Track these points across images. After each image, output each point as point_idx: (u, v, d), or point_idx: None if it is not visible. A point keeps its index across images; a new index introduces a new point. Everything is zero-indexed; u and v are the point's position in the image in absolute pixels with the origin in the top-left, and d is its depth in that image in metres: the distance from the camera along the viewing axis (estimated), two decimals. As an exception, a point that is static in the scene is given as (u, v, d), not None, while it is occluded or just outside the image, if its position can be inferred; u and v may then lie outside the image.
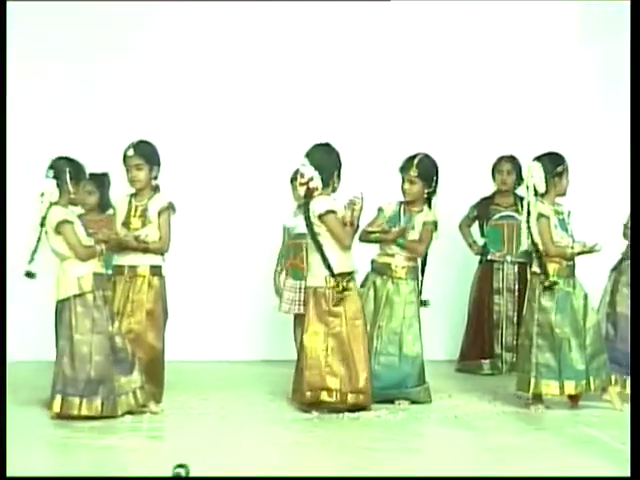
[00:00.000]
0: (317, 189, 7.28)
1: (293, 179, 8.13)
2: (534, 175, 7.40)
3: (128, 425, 6.91)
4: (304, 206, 7.44)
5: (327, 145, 7.45)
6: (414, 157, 7.74)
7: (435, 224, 7.79)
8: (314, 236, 7.36)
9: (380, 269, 7.79)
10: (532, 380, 7.42)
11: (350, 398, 7.29)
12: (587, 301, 7.56)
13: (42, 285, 7.28)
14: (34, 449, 6.48)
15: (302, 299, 8.02)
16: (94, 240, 7.29)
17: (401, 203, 7.82)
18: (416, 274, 7.80)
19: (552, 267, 7.40)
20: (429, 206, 7.74)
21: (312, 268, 7.45)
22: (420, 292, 7.81)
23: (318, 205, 7.24)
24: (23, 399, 7.47)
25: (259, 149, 9.49)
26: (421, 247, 7.72)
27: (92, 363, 7.06)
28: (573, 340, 7.42)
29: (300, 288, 8.30)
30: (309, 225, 7.38)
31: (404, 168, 7.72)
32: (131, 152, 7.47)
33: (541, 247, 7.44)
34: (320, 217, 7.24)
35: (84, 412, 6.98)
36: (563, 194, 7.54)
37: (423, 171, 7.64)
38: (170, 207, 7.56)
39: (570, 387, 7.42)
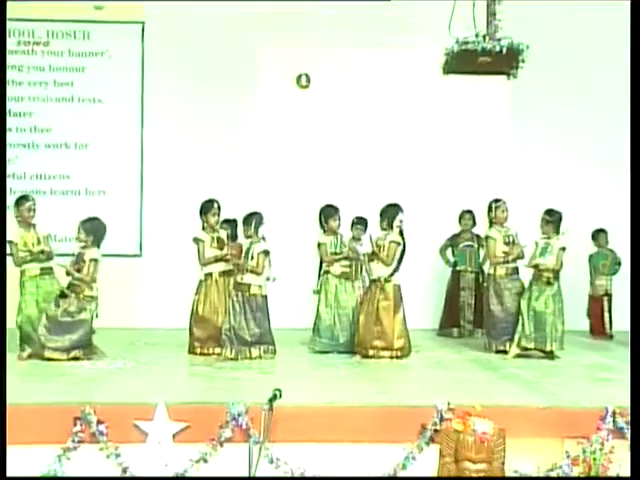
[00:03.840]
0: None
1: (355, 222, 7.92)
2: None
3: (246, 365, 6.85)
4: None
5: (394, 204, 7.42)
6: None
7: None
8: (371, 255, 7.39)
9: None
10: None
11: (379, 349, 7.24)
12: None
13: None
14: (191, 378, 6.60)
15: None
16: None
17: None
18: None
19: None
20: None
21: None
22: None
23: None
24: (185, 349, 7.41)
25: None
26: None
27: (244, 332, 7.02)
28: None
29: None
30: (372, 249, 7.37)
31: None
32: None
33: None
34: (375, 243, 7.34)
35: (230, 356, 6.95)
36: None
37: None
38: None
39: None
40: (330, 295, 7.74)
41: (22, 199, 7.23)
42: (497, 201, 7.83)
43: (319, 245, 7.80)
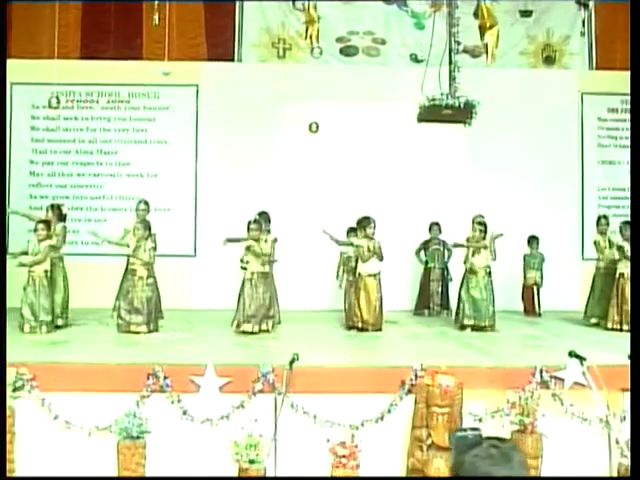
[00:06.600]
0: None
1: (350, 230, 7.85)
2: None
3: (267, 335, 6.73)
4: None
5: (366, 217, 7.28)
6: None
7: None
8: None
9: None
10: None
11: (369, 325, 7.11)
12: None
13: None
14: (232, 346, 6.42)
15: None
16: None
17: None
18: None
19: None
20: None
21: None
22: None
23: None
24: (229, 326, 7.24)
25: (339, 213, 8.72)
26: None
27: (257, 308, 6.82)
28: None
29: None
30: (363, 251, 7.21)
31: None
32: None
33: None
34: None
35: (252, 330, 6.73)
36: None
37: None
38: (275, 240, 7.04)
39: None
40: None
41: (139, 203, 7.51)
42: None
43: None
